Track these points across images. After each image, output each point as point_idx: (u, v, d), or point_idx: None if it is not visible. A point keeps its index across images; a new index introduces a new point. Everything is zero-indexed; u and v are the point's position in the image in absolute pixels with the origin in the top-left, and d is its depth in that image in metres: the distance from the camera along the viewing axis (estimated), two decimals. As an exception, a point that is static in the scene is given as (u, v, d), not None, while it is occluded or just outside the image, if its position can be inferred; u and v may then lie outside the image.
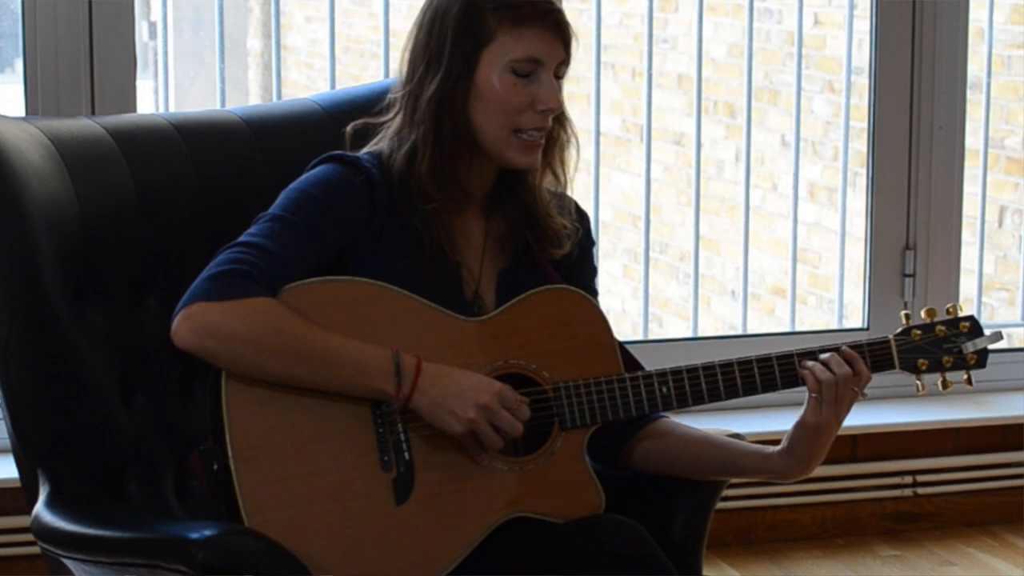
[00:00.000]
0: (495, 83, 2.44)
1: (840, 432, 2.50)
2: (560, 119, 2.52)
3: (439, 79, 2.44)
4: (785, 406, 2.55)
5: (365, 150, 2.52)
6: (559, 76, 2.48)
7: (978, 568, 3.97)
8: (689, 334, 4.73)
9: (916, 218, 4.22)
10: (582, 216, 2.63)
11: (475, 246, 2.53)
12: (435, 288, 2.45)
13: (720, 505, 2.67)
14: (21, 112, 3.57)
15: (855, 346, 2.48)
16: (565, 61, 2.48)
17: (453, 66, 2.44)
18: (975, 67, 4.47)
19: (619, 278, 6.93)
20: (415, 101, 2.47)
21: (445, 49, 2.44)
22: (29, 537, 2.58)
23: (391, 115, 2.52)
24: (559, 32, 2.45)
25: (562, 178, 2.55)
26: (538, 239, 2.55)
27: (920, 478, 4.17)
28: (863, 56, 4.49)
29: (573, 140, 2.55)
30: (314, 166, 2.50)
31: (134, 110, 3.59)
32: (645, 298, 4.43)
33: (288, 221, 2.41)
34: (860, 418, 4.03)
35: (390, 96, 2.54)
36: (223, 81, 4.06)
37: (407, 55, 2.50)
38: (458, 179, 2.48)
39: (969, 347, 2.53)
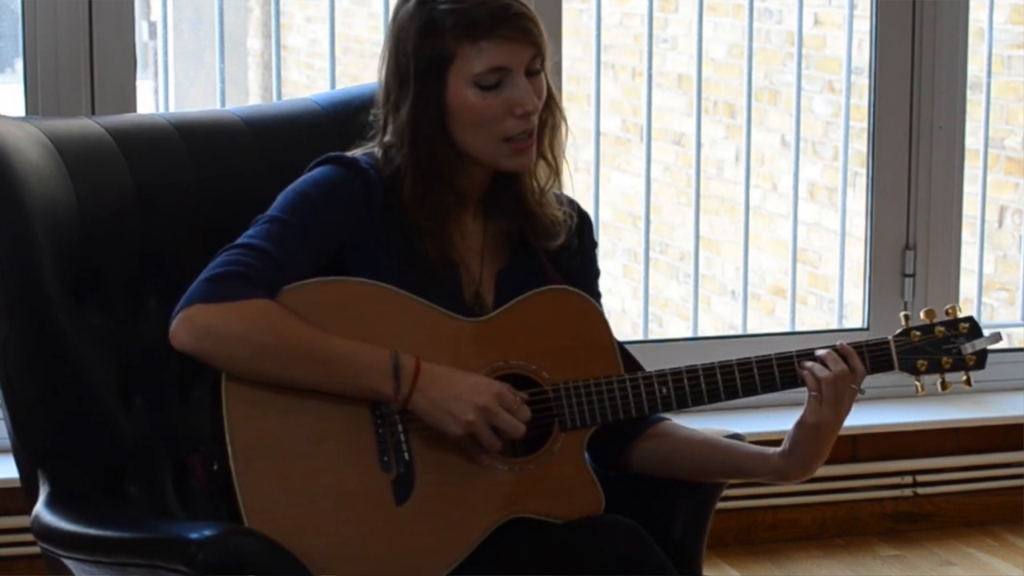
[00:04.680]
0: (465, 101, 2.39)
1: (840, 432, 2.49)
2: (547, 103, 2.46)
3: (410, 103, 2.41)
4: (785, 406, 2.54)
5: (361, 151, 2.51)
6: (535, 71, 2.42)
7: (978, 568, 3.96)
8: (689, 334, 4.72)
9: (916, 218, 4.22)
10: (583, 219, 2.61)
11: (474, 246, 2.52)
12: (434, 289, 2.44)
13: (720, 505, 2.66)
14: (21, 112, 3.56)
15: (854, 346, 2.48)
16: (537, 55, 2.41)
17: (421, 90, 2.40)
18: (975, 67, 4.46)
19: (619, 278, 6.92)
20: (393, 124, 2.45)
21: (411, 73, 2.40)
22: (29, 537, 2.57)
23: (374, 135, 2.49)
24: (521, 33, 2.39)
25: (554, 164, 2.50)
26: (534, 229, 2.53)
27: (920, 478, 4.17)
28: (863, 56, 4.49)
29: (563, 123, 2.50)
30: (312, 167, 2.49)
31: (134, 110, 3.59)
32: (645, 298, 4.42)
33: (286, 222, 2.40)
34: (860, 418, 4.01)
35: (372, 113, 2.51)
36: (223, 81, 4.07)
37: (381, 74, 2.47)
38: (445, 189, 2.45)
39: (968, 348, 2.51)
